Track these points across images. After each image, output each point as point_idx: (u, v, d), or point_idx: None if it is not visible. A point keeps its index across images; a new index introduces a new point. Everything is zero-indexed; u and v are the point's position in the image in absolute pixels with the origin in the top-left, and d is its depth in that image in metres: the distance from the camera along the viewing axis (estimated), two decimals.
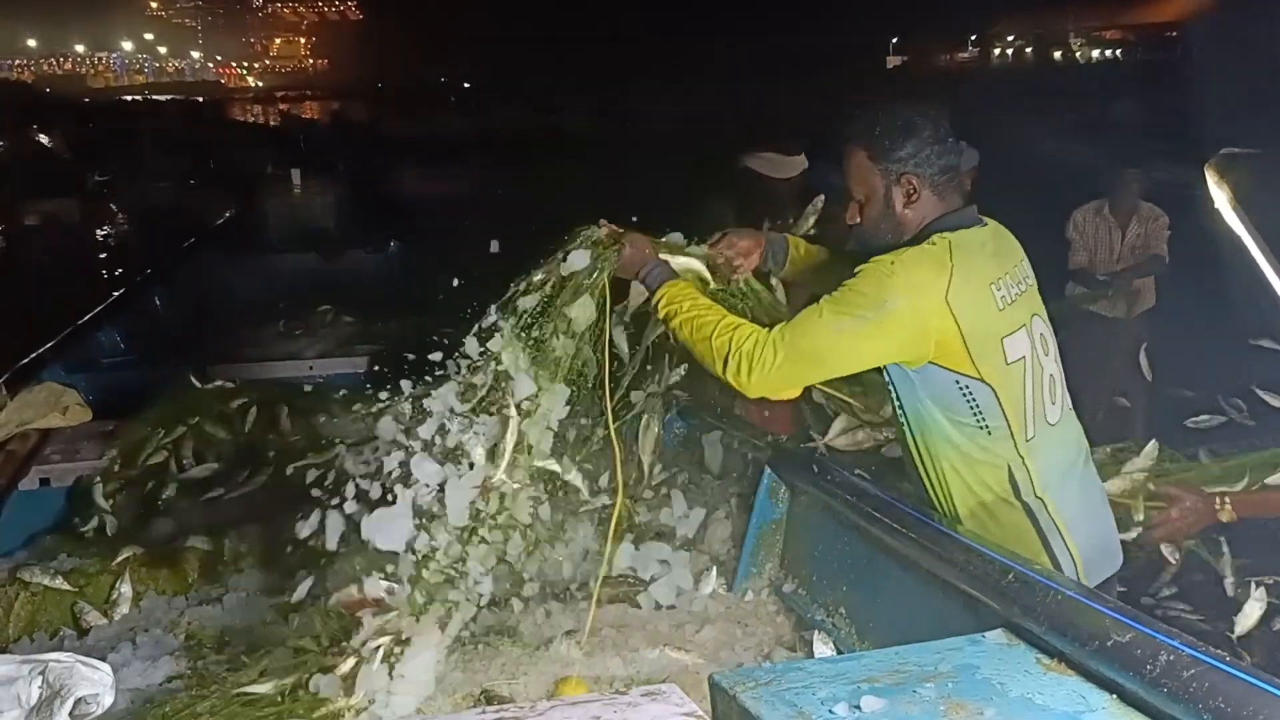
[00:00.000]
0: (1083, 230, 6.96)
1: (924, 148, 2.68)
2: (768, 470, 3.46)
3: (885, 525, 2.83)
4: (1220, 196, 1.23)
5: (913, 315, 2.55)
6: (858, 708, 1.93)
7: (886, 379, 2.75)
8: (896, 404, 2.77)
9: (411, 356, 3.07)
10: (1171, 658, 1.80)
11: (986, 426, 2.65)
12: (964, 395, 2.64)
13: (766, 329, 2.68)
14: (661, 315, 2.87)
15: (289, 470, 4.21)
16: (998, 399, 2.63)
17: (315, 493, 2.92)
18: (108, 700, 1.84)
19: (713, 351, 2.71)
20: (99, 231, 14.97)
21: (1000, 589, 2.30)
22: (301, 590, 2.89)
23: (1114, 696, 1.92)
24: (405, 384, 3.08)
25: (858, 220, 2.80)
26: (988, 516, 2.72)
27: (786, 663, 2.33)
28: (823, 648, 2.88)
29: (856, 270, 2.62)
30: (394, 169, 17.88)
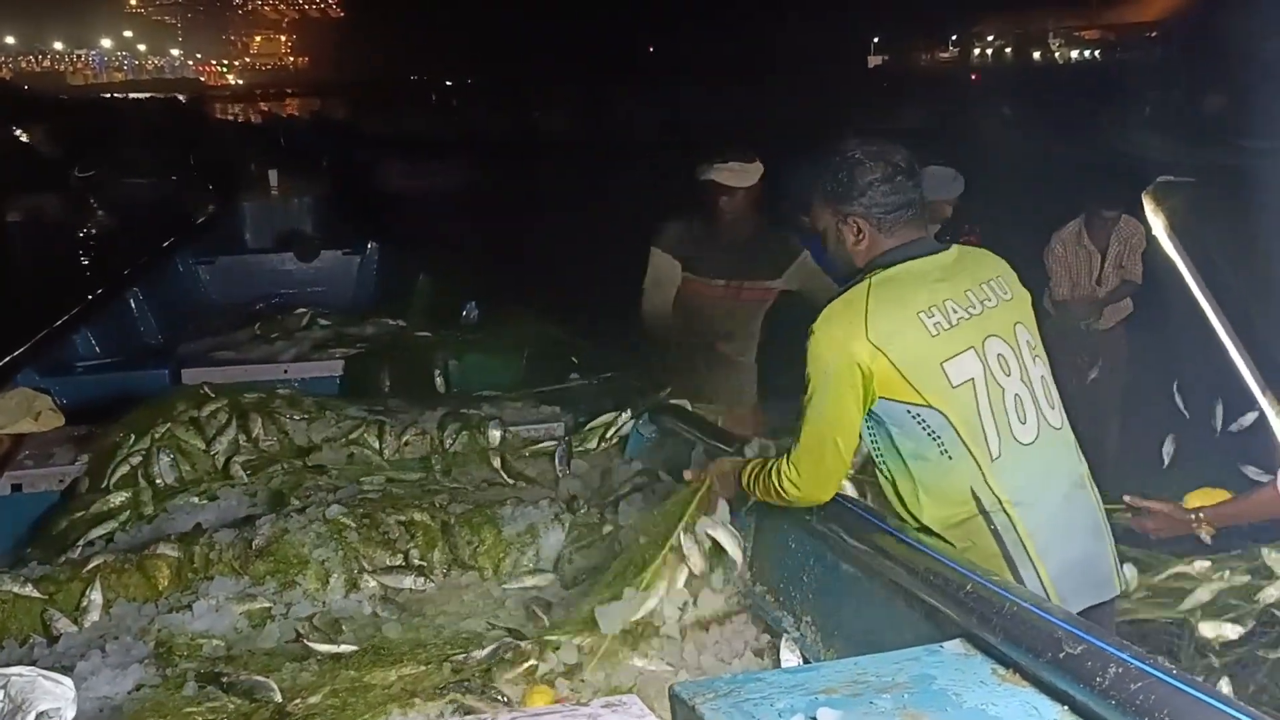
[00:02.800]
0: (1062, 260, 6.95)
1: (869, 190, 2.81)
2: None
3: (849, 532, 2.86)
4: (1157, 223, 1.26)
5: (846, 364, 2.69)
6: (814, 718, 1.95)
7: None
8: (870, 442, 2.86)
9: None
10: (1120, 670, 1.83)
11: (947, 453, 2.71)
12: (918, 423, 2.71)
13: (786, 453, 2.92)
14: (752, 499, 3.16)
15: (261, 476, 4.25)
16: (950, 423, 2.69)
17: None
18: (69, 714, 1.86)
19: (774, 497, 2.97)
20: (76, 230, 14.91)
21: (959, 599, 2.33)
22: None
23: (1065, 708, 1.95)
24: None
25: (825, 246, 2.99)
26: (954, 535, 2.74)
27: (746, 674, 2.34)
28: (789, 655, 2.91)
29: None
30: (373, 169, 17.85)
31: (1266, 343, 1.11)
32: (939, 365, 2.69)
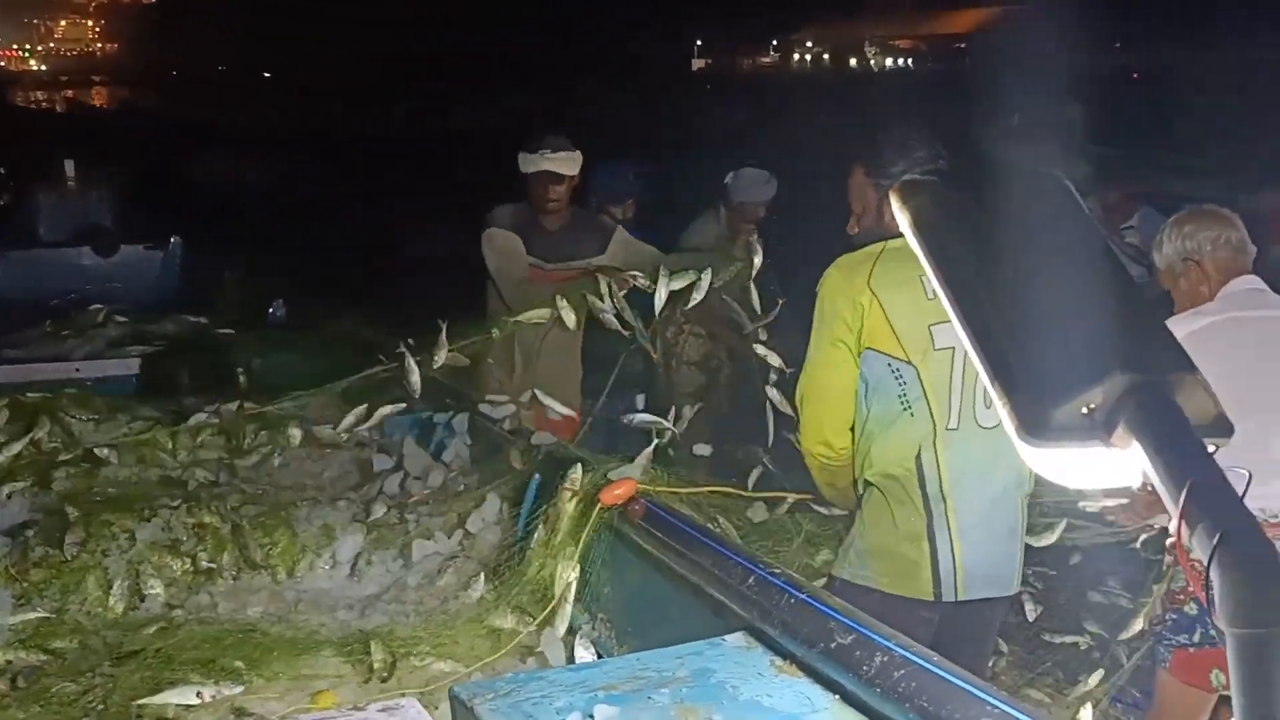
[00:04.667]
0: None
1: (916, 166, 2.89)
2: (536, 477, 3.47)
3: (640, 529, 2.87)
4: (903, 220, 1.28)
5: (845, 303, 2.83)
6: (591, 716, 1.95)
7: None
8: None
9: None
10: (886, 659, 1.88)
11: (909, 408, 2.83)
12: (894, 376, 2.83)
13: None
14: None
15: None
16: (920, 380, 2.81)
17: None
18: None
19: (815, 472, 3.13)
20: None
21: (742, 593, 2.35)
22: None
23: (837, 697, 1.98)
24: None
25: (855, 230, 3.06)
26: (884, 497, 2.87)
27: (529, 672, 2.33)
28: (583, 652, 2.90)
29: None
30: (183, 161, 17.23)
31: (997, 334, 1.14)
32: (927, 326, 2.81)
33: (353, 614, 3.35)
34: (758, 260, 4.28)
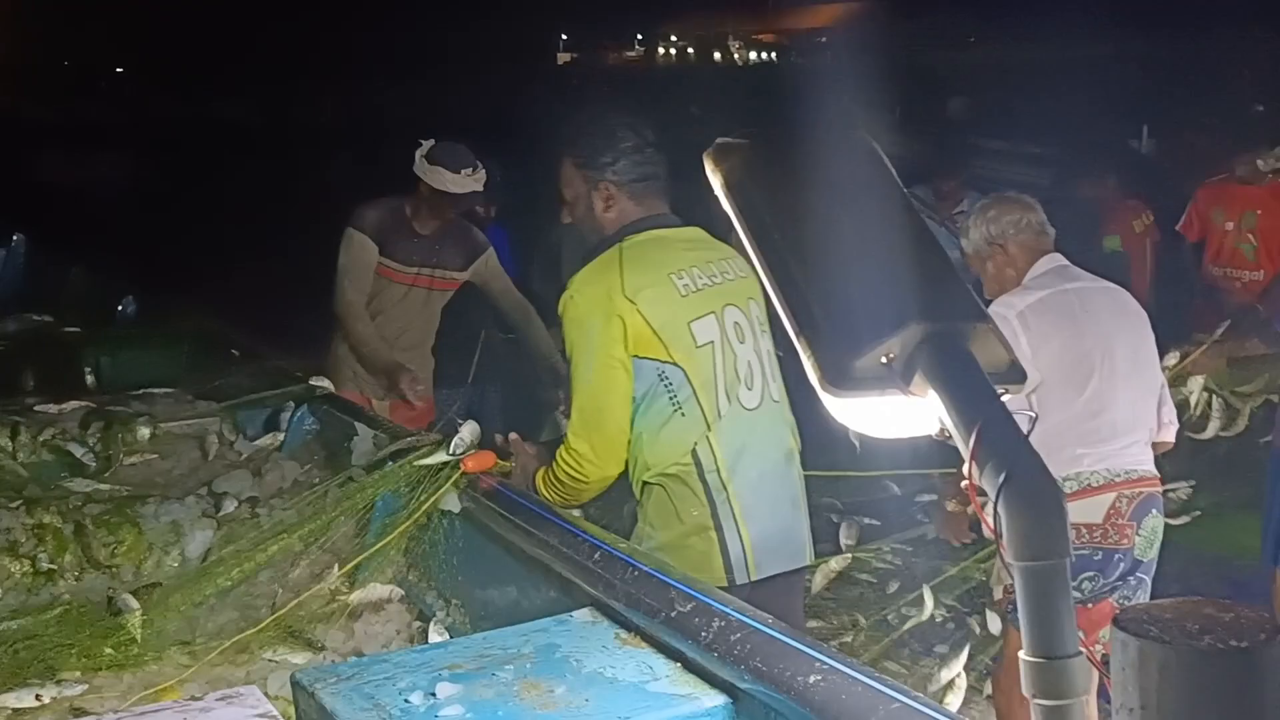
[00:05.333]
0: None
1: (622, 157, 2.90)
2: (389, 464, 3.44)
3: (490, 511, 2.87)
4: (715, 182, 1.30)
5: (605, 321, 2.76)
6: (434, 695, 1.94)
7: None
8: None
9: None
10: (723, 623, 1.90)
11: (680, 409, 2.82)
12: (661, 379, 2.81)
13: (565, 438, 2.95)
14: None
15: None
16: (689, 380, 2.81)
17: None
18: None
19: (568, 490, 2.94)
20: None
21: (587, 568, 2.36)
22: None
23: (679, 665, 2.01)
24: None
25: (568, 220, 3.04)
26: (666, 494, 2.86)
27: (373, 656, 2.31)
28: (437, 639, 2.88)
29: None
30: (27, 157, 16.58)
31: (802, 289, 1.17)
32: (687, 324, 2.81)
33: (202, 610, 3.27)
34: None
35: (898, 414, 1.17)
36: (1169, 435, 3.38)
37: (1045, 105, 9.62)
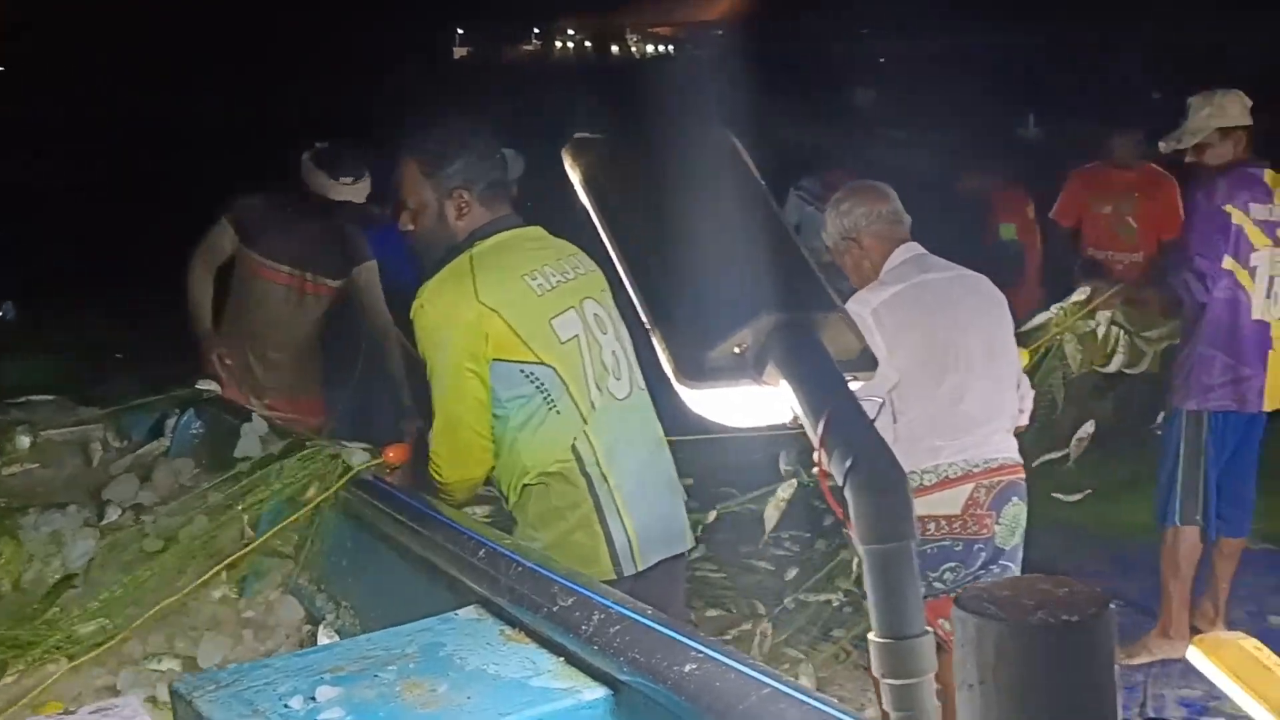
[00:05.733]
0: None
1: (472, 164, 2.87)
2: (278, 466, 3.39)
3: (379, 512, 2.85)
4: (574, 176, 1.31)
5: (460, 331, 2.73)
6: (314, 699, 1.92)
7: None
8: None
9: None
10: (603, 616, 1.91)
11: (554, 407, 2.80)
12: (529, 380, 2.79)
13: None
14: None
15: None
16: (559, 377, 2.80)
17: None
18: None
19: (440, 494, 2.97)
20: None
21: (473, 566, 2.36)
22: None
23: (562, 659, 2.01)
24: None
25: (410, 227, 2.95)
26: (548, 493, 2.84)
27: (254, 662, 2.28)
28: (326, 641, 2.85)
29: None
30: None
31: (657, 283, 1.18)
32: (548, 322, 2.80)
33: (82, 619, 3.19)
34: None
35: (752, 404, 1.19)
36: (1023, 420, 3.40)
37: (938, 96, 9.80)
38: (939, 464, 3.10)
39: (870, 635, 1.05)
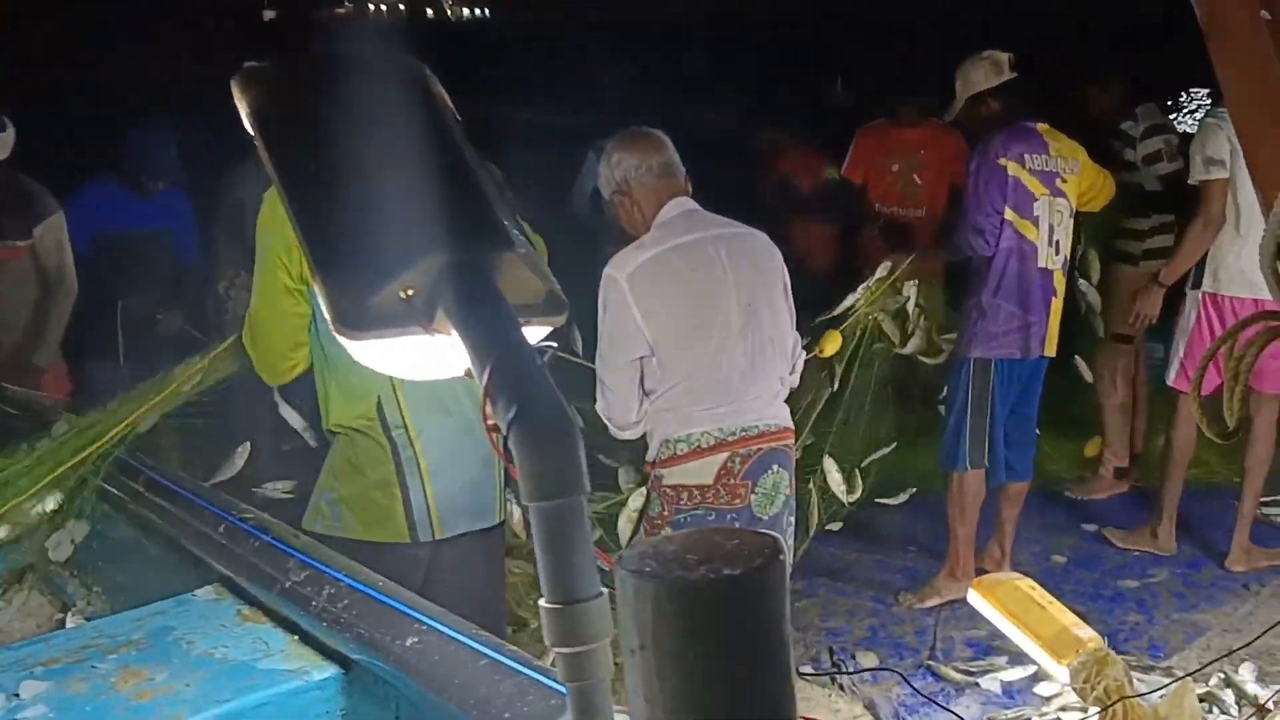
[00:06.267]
0: None
1: None
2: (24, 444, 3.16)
3: (129, 489, 2.67)
4: (241, 110, 1.18)
5: (276, 235, 2.57)
6: (17, 695, 1.76)
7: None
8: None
9: None
10: (334, 590, 1.79)
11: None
12: None
13: None
14: None
15: None
16: None
17: None
18: None
19: None
20: None
21: (214, 542, 2.21)
22: None
23: (296, 637, 1.89)
24: None
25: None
26: (352, 447, 2.70)
27: None
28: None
29: None
30: None
31: (324, 225, 1.07)
32: None
33: None
34: None
35: (428, 355, 1.09)
36: (794, 381, 3.30)
37: (745, 59, 9.83)
38: (691, 433, 2.98)
39: (540, 601, 0.96)
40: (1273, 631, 3.49)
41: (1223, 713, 3.58)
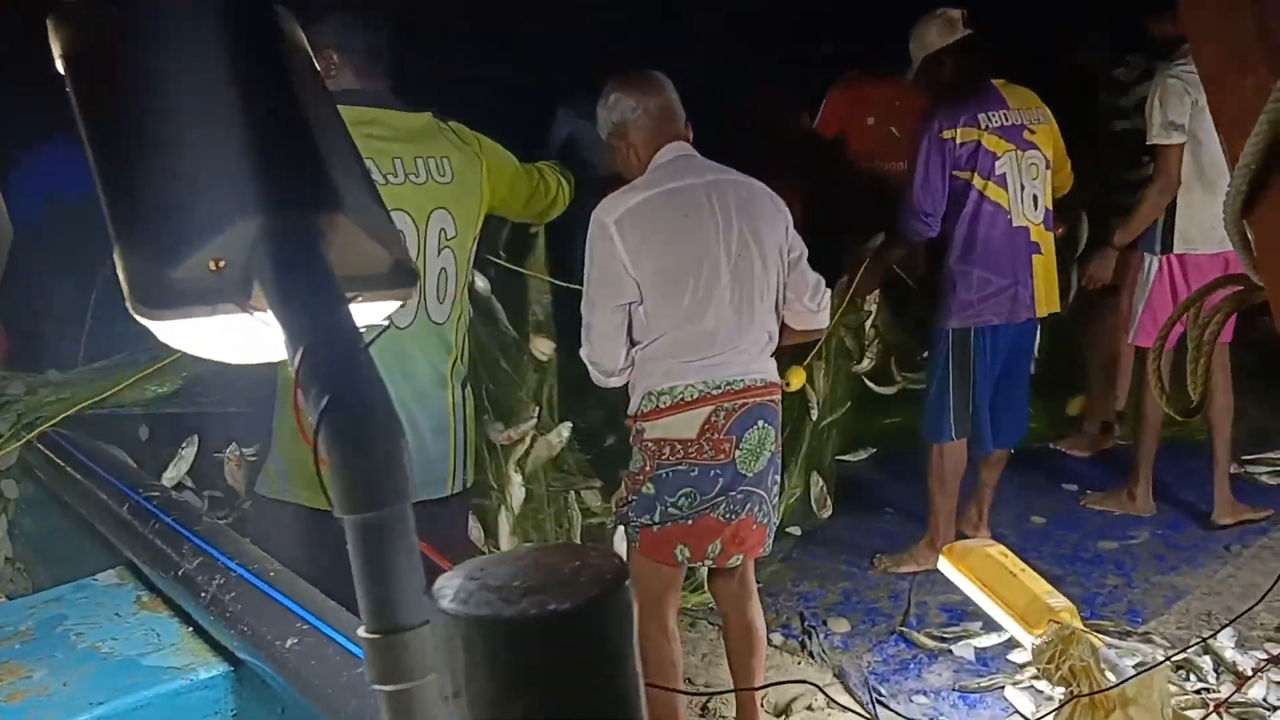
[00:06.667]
0: None
1: (348, 25, 2.72)
2: None
3: (53, 466, 2.53)
4: (55, 53, 1.02)
5: None
6: None
7: None
8: None
9: None
10: (224, 580, 1.65)
11: None
12: None
13: None
14: None
15: None
16: None
17: None
18: None
19: None
20: None
21: (119, 521, 2.07)
22: None
23: (190, 629, 1.75)
24: None
25: None
26: (297, 414, 2.53)
27: None
28: None
29: None
30: None
31: (129, 187, 0.91)
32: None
33: None
34: None
35: (249, 336, 0.94)
36: (820, 321, 3.16)
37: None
38: (675, 385, 2.86)
39: (360, 631, 0.82)
40: (1253, 596, 3.38)
41: (1200, 680, 3.46)
